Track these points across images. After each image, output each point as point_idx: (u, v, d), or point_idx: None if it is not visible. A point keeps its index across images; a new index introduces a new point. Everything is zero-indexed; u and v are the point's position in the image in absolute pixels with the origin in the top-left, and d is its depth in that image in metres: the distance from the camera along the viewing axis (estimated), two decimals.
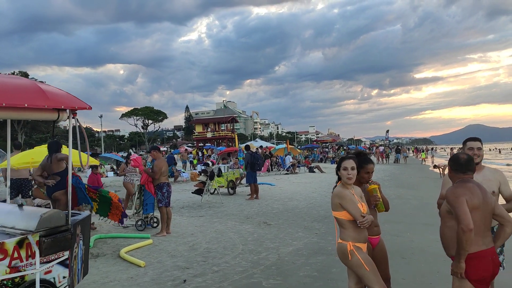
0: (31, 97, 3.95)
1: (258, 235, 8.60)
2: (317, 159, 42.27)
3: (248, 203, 13.49)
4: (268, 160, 26.93)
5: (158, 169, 8.57)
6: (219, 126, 67.67)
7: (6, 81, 4.12)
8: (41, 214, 4.04)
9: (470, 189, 3.32)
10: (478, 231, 3.22)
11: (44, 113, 4.18)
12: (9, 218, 4.19)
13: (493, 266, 3.30)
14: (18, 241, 3.78)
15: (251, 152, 15.73)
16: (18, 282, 3.78)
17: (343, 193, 3.69)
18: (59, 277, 4.15)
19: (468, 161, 3.44)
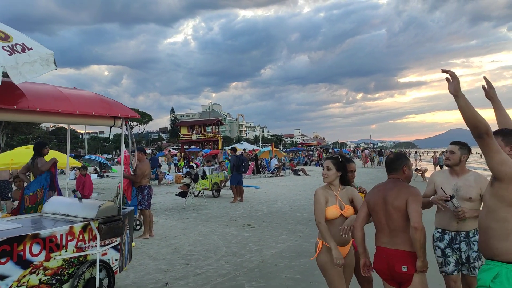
0: (97, 107, 4.79)
1: (242, 238, 8.58)
2: (302, 162, 42.46)
3: (232, 205, 13.47)
4: (253, 163, 26.92)
5: (141, 172, 8.49)
6: (204, 129, 67.48)
7: (77, 93, 4.94)
8: (100, 205, 4.80)
9: (374, 190, 3.40)
10: (381, 229, 3.27)
11: (104, 120, 4.99)
12: (71, 208, 4.98)
13: (387, 266, 3.19)
14: (83, 226, 4.50)
15: (237, 154, 15.71)
16: (82, 260, 4.48)
17: (316, 192, 3.77)
18: (112, 259, 4.91)
19: (389, 161, 3.44)
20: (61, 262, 4.26)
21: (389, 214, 3.21)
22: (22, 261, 3.87)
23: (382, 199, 3.27)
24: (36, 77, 3.94)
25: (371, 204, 3.35)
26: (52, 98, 4.43)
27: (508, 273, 2.50)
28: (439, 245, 3.97)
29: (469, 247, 3.81)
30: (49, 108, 4.27)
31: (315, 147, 60.83)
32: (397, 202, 3.18)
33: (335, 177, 3.75)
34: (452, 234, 3.87)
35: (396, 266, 3.13)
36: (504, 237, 2.54)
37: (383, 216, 3.26)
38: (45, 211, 5.28)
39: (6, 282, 3.72)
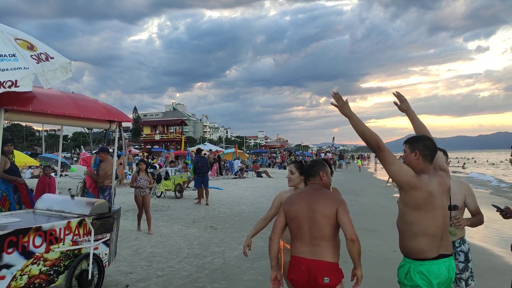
0: (97, 111, 5.24)
1: (204, 239, 8.57)
2: (265, 164, 42.72)
3: (195, 207, 13.41)
4: (216, 164, 26.87)
5: (104, 172, 8.33)
6: (167, 129, 66.60)
7: (80, 98, 5.41)
8: (94, 202, 5.22)
9: (294, 198, 3.25)
10: (301, 237, 3.11)
11: (101, 124, 5.46)
12: (65, 205, 5.35)
13: (308, 277, 3.02)
14: (79, 221, 4.90)
15: (199, 156, 15.62)
16: (77, 253, 4.86)
17: (278, 194, 3.88)
18: (102, 253, 5.27)
19: (307, 167, 3.36)
20: (59, 254, 4.64)
21: (316, 222, 3.05)
22: (26, 252, 4.24)
23: (307, 205, 3.11)
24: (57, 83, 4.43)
25: (292, 212, 3.15)
26: (61, 102, 4.85)
27: (415, 268, 2.89)
28: None
29: (455, 258, 3.69)
30: (58, 112, 4.66)
31: (278, 149, 61.32)
32: (328, 211, 3.05)
33: (299, 181, 3.80)
34: None
35: (318, 277, 2.97)
36: (412, 237, 2.92)
37: (306, 224, 3.08)
38: (38, 207, 5.60)
39: (11, 271, 4.10)
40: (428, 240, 2.88)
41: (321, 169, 3.29)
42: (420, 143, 3.01)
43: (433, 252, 2.89)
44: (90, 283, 4.98)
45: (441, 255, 2.89)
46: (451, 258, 2.96)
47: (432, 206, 2.86)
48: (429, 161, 2.97)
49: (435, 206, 2.88)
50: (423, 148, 2.97)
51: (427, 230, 2.87)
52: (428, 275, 2.84)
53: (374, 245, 8.91)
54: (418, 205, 2.85)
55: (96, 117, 5.17)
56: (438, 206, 2.89)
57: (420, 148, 2.98)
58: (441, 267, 2.86)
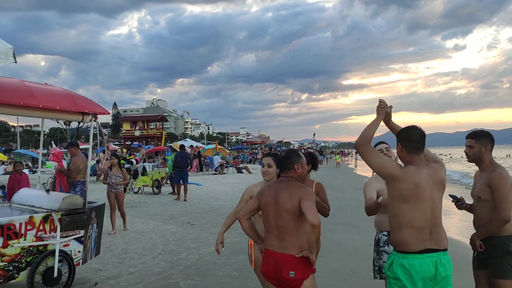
0: (62, 101, 4.93)
1: (180, 235, 8.41)
2: (246, 160, 42.63)
3: (173, 203, 13.21)
4: (196, 160, 26.63)
5: (75, 167, 8.06)
6: (148, 125, 65.84)
7: (43, 87, 5.11)
8: (64, 197, 5.03)
9: (266, 189, 3.19)
10: (270, 231, 3.07)
11: (71, 115, 5.17)
12: (37, 199, 5.22)
13: (275, 270, 2.99)
14: (44, 216, 4.69)
15: (180, 151, 15.39)
16: (41, 250, 4.67)
17: (248, 188, 3.80)
18: (75, 251, 5.06)
19: (281, 159, 3.24)
20: (19, 250, 4.47)
21: (280, 216, 3.00)
22: None
23: (273, 199, 3.04)
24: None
25: (262, 203, 3.13)
26: (15, 91, 4.53)
27: (398, 261, 2.84)
28: (386, 249, 3.75)
29: None
30: (10, 101, 4.37)
31: (260, 145, 61.31)
32: (290, 204, 2.95)
33: (275, 174, 3.68)
34: None
35: (284, 271, 2.93)
36: (397, 229, 2.86)
37: (273, 218, 3.04)
38: (14, 201, 5.56)
39: None
40: (412, 233, 2.79)
41: (296, 161, 3.14)
42: (401, 135, 2.97)
43: (418, 245, 2.79)
44: (57, 281, 4.80)
45: (427, 249, 2.78)
46: (441, 254, 2.82)
47: (418, 198, 2.78)
48: (414, 152, 2.89)
49: (422, 198, 2.79)
50: (403, 140, 2.93)
51: (412, 222, 2.78)
52: (409, 269, 2.76)
53: (351, 239, 8.91)
54: (403, 196, 2.79)
55: (60, 107, 4.84)
56: (426, 198, 2.80)
57: (401, 140, 2.95)
58: (425, 262, 2.75)
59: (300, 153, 3.25)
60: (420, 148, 2.92)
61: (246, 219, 3.16)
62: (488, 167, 3.41)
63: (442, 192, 2.92)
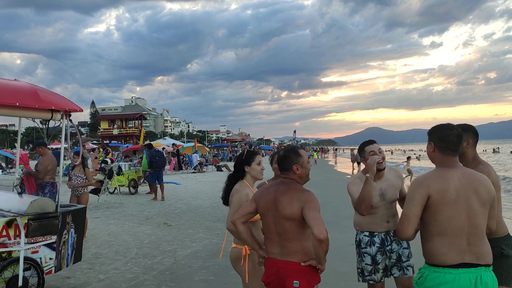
0: (23, 97, 4.46)
1: (156, 237, 8.08)
2: (226, 158, 42.31)
3: (150, 203, 12.83)
4: (175, 158, 26.19)
5: (43, 167, 7.62)
6: (126, 123, 64.88)
7: (3, 82, 4.66)
8: (32, 200, 4.63)
9: (264, 191, 2.95)
10: (270, 237, 2.87)
11: (37, 113, 4.71)
12: (7, 203, 4.86)
13: (278, 279, 2.79)
14: (7, 221, 4.35)
15: (154, 150, 15.01)
16: (5, 257, 4.37)
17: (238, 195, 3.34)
18: (45, 258, 4.70)
19: (279, 160, 2.98)
20: None
21: (280, 222, 2.76)
22: None
23: (273, 203, 2.80)
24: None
25: (261, 207, 2.89)
26: None
27: (429, 275, 2.52)
28: (368, 251, 3.54)
29: (400, 246, 3.54)
30: None
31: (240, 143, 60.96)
32: (289, 210, 2.71)
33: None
34: (382, 235, 3.53)
35: (288, 281, 2.70)
36: (427, 238, 2.57)
37: (273, 224, 2.81)
38: None
39: None
40: (445, 242, 2.47)
41: (294, 161, 2.86)
42: (435, 134, 2.69)
43: (452, 257, 2.45)
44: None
45: (464, 264, 2.42)
46: (482, 269, 2.44)
47: (450, 202, 2.48)
48: (450, 154, 2.62)
49: (455, 203, 2.48)
50: (438, 140, 2.65)
51: (444, 230, 2.48)
52: (440, 286, 2.42)
53: (333, 238, 8.62)
54: (432, 202, 2.50)
55: (20, 104, 4.38)
56: (460, 202, 2.49)
57: (434, 140, 2.67)
58: (461, 279, 2.39)
59: (299, 152, 2.95)
60: (456, 150, 2.64)
61: (241, 222, 2.93)
62: (470, 163, 3.13)
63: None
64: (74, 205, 5.61)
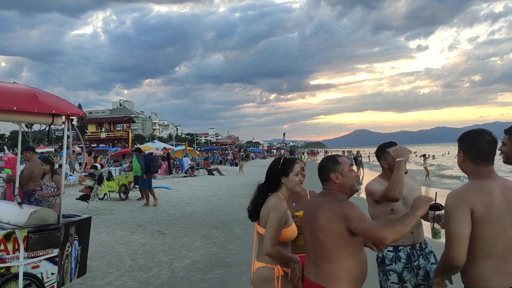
0: (21, 101, 4.16)
1: (150, 247, 7.67)
2: (216, 161, 41.85)
3: (142, 209, 12.38)
4: (166, 162, 25.70)
5: (28, 173, 7.18)
6: (114, 126, 64.01)
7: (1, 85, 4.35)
8: (32, 212, 4.32)
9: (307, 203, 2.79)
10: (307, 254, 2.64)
11: (37, 117, 4.39)
12: (5, 214, 4.53)
13: None
14: (5, 234, 4.04)
15: (145, 154, 14.58)
16: (3, 273, 4.07)
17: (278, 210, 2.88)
18: (47, 273, 4.37)
19: (318, 170, 2.70)
20: None
21: (316, 238, 2.47)
22: None
23: (311, 216, 2.54)
24: None
25: (302, 221, 2.70)
26: None
27: None
28: (394, 268, 3.21)
29: (427, 261, 3.23)
30: None
31: (230, 146, 60.55)
32: (326, 224, 2.41)
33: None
34: (407, 249, 3.21)
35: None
36: (470, 261, 2.26)
37: (309, 240, 2.55)
38: None
39: None
40: (492, 264, 2.18)
41: (332, 170, 2.57)
42: (465, 141, 2.39)
43: (501, 281, 2.18)
44: None
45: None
46: None
47: (494, 219, 2.19)
48: (482, 164, 2.32)
49: (500, 219, 2.20)
50: (467, 148, 2.36)
51: (490, 251, 2.20)
52: None
53: None
54: (473, 220, 2.21)
55: (17, 108, 4.06)
56: (505, 218, 2.20)
57: (464, 148, 2.38)
58: None
59: (337, 159, 2.63)
60: (489, 159, 2.34)
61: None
62: None
63: None
64: (78, 215, 5.25)
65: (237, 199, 14.73)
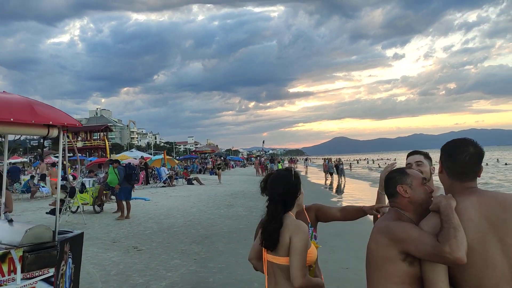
0: (18, 112, 4.00)
1: (125, 266, 7.08)
2: (196, 170, 41.13)
3: (117, 223, 11.71)
4: (143, 172, 24.94)
5: None
6: (91, 135, 62.68)
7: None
8: (27, 229, 4.00)
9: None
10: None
11: (33, 129, 4.20)
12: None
13: None
14: (1, 254, 3.74)
15: (124, 164, 13.94)
16: None
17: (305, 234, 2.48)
18: None
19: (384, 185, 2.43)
20: None
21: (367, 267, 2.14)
22: None
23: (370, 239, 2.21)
24: None
25: None
26: None
27: None
28: None
29: None
30: None
31: (209, 154, 59.80)
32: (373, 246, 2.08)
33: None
34: None
35: None
36: None
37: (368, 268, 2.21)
38: None
39: None
40: None
41: (399, 182, 2.18)
42: (445, 150, 2.08)
43: None
44: None
45: None
46: None
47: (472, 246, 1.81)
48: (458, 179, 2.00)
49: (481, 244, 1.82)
50: (446, 158, 2.06)
51: (480, 284, 1.82)
52: None
53: (322, 261, 7.92)
54: None
55: (14, 119, 3.83)
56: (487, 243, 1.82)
57: (442, 158, 2.09)
58: None
59: (406, 171, 2.26)
60: (467, 173, 1.99)
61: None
62: None
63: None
64: (70, 231, 4.90)
65: (218, 211, 14.19)
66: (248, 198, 18.38)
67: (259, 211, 8.10)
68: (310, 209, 3.05)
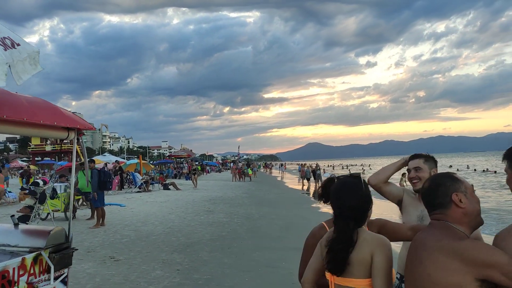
0: (46, 115, 4.03)
1: (102, 279, 6.49)
2: (171, 175, 40.28)
3: (91, 231, 11.01)
4: (118, 177, 24.09)
5: None
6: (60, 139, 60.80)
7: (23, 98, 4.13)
8: (49, 231, 4.13)
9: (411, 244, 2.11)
10: None
11: (55, 131, 4.29)
12: (8, 236, 4.16)
13: None
14: (34, 257, 3.86)
15: (99, 168, 13.23)
16: None
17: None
18: None
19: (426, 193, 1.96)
20: None
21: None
22: None
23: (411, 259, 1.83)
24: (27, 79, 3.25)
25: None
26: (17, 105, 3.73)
27: None
28: None
29: None
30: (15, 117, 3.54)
31: (185, 159, 58.89)
32: (436, 270, 1.66)
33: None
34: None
35: None
36: None
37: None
38: None
39: None
40: None
41: (452, 189, 1.79)
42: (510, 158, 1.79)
43: None
44: None
45: None
46: None
47: None
48: None
49: None
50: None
51: None
52: None
53: None
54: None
55: (57, 123, 4.04)
56: None
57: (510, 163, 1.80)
58: None
59: (456, 176, 1.85)
60: None
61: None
62: None
63: None
64: None
65: (198, 217, 13.63)
66: (227, 203, 17.89)
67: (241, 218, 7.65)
68: (373, 225, 2.52)
